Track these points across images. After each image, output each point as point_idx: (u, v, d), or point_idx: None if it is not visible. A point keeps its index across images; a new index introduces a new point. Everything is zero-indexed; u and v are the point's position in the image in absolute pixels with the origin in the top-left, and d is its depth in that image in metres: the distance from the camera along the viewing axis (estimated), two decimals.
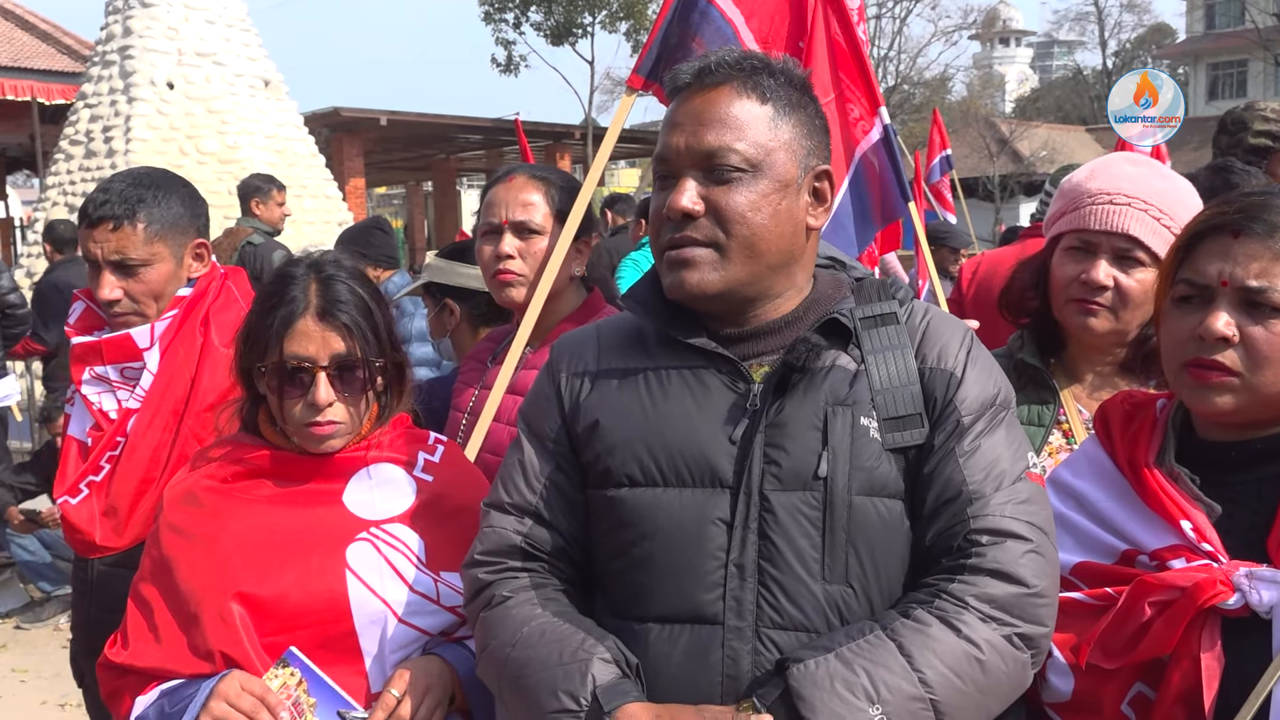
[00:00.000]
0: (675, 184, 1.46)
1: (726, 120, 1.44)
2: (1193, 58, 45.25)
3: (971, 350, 1.50)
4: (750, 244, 1.44)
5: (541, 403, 1.59)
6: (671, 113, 1.51)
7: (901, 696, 1.27)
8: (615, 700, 1.33)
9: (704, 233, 1.44)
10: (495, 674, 1.48)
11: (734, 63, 1.48)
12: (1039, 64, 75.98)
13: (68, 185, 10.96)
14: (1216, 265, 1.46)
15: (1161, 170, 2.07)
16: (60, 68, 15.83)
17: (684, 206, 1.43)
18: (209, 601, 1.71)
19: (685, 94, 1.49)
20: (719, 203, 1.43)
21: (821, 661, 1.30)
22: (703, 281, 1.44)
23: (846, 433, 1.40)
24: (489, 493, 1.61)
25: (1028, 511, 1.40)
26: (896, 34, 44.20)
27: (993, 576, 1.35)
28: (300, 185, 11.57)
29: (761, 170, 1.44)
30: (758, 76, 1.47)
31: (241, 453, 1.86)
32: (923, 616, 1.33)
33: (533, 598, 1.48)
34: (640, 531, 1.44)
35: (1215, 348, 1.45)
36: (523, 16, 30.03)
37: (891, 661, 1.29)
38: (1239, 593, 1.36)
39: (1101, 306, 1.92)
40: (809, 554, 1.38)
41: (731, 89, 1.46)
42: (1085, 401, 2.01)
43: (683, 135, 1.45)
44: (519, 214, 2.29)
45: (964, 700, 1.30)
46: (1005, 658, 1.33)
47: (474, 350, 2.57)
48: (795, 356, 1.42)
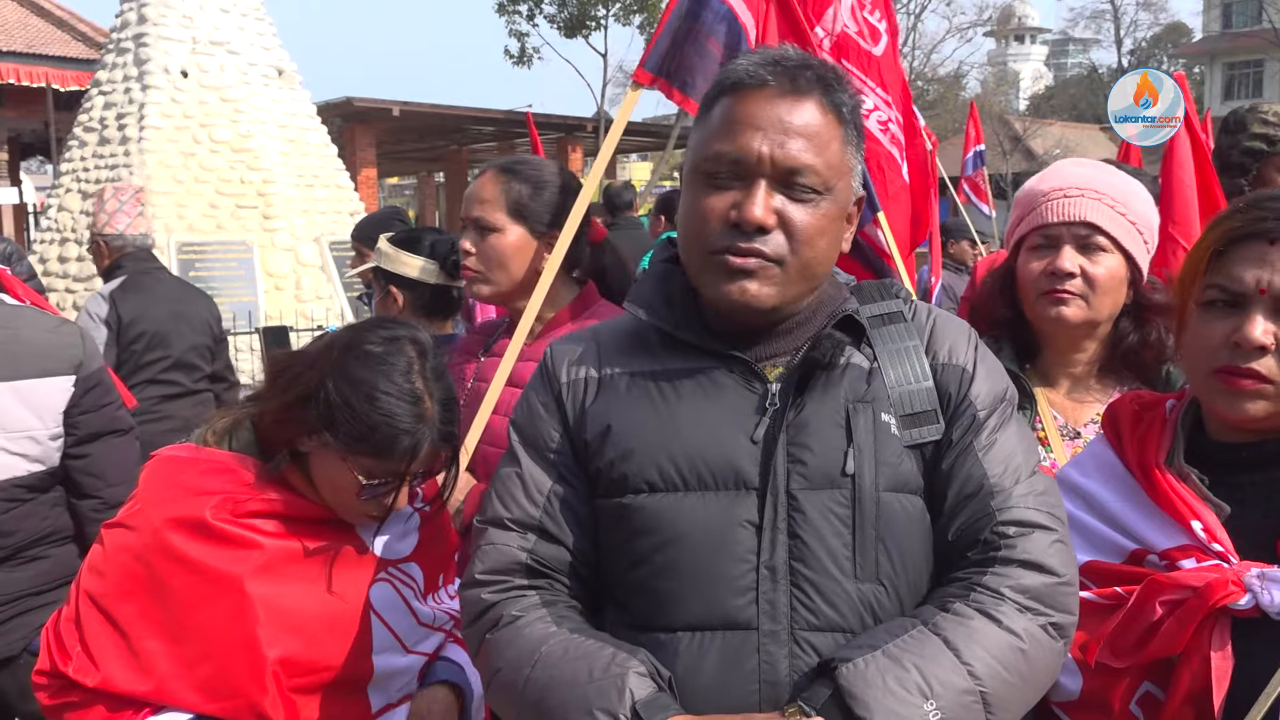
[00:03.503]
0: (742, 187, 1.39)
1: (813, 136, 1.39)
2: (1209, 57, 45.01)
3: (979, 348, 1.50)
4: (809, 265, 1.41)
5: (538, 412, 1.53)
6: (744, 109, 1.40)
7: (953, 690, 1.25)
8: (658, 715, 1.25)
9: (773, 247, 1.38)
10: (511, 698, 1.38)
11: (817, 72, 1.42)
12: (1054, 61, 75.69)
13: (81, 172, 10.99)
14: (1254, 272, 1.44)
15: (1107, 167, 2.14)
16: (75, 54, 15.87)
17: (762, 219, 1.37)
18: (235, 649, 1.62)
19: (766, 94, 1.40)
20: (793, 220, 1.39)
21: (870, 659, 1.26)
22: (761, 294, 1.40)
23: (870, 429, 1.39)
24: (482, 509, 1.52)
25: (1047, 503, 1.40)
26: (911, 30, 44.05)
27: (1024, 567, 1.34)
28: (312, 175, 11.60)
29: (832, 194, 1.41)
30: (836, 94, 1.42)
31: (262, 491, 1.72)
32: (963, 610, 1.32)
33: (545, 615, 1.41)
34: (662, 538, 1.38)
35: (1251, 355, 1.43)
36: (536, 9, 29.98)
37: (940, 656, 1.27)
38: (1250, 593, 1.36)
39: (1072, 294, 1.96)
40: (841, 552, 1.36)
41: (818, 102, 1.40)
42: (1060, 406, 2.03)
43: (766, 141, 1.38)
44: (475, 210, 2.33)
45: (1010, 691, 1.29)
46: (1044, 647, 1.33)
47: (465, 343, 2.58)
48: (821, 353, 1.40)
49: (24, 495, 2.43)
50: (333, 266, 11.04)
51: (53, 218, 10.95)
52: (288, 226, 11.05)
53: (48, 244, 10.80)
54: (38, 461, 2.43)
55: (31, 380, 2.38)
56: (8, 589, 2.44)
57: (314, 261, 11.14)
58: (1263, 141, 3.57)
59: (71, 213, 10.73)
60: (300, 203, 11.29)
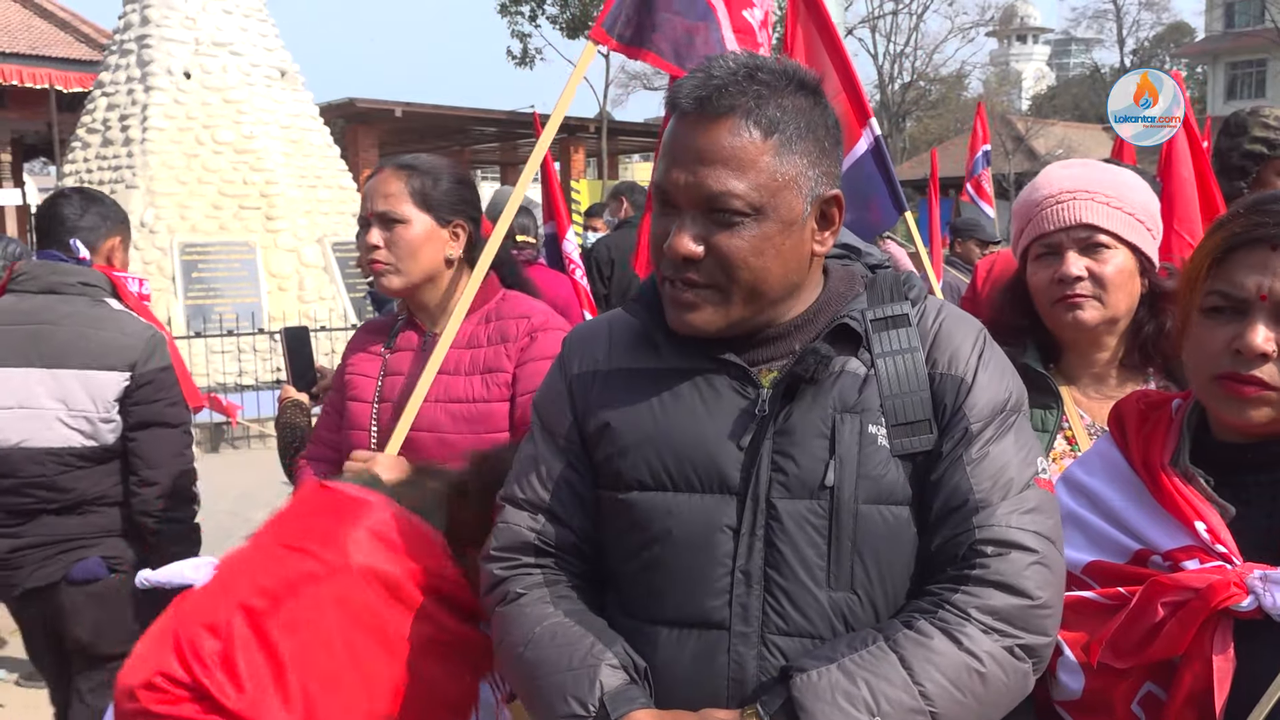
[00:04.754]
0: (673, 215, 1.42)
1: (728, 161, 1.37)
2: (1211, 56, 44.98)
3: (984, 353, 1.48)
4: (752, 286, 1.41)
5: (554, 398, 1.59)
6: (670, 139, 1.43)
7: (901, 709, 1.28)
8: (622, 707, 1.35)
9: (705, 275, 1.40)
10: (510, 670, 1.52)
11: (740, 85, 1.38)
12: (1056, 61, 75.66)
13: (84, 173, 11.01)
14: (1255, 278, 1.43)
15: (1096, 164, 2.14)
16: (78, 56, 15.92)
17: (685, 250, 1.39)
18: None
19: (687, 121, 1.40)
20: (720, 247, 1.39)
21: (824, 673, 1.30)
22: (704, 321, 1.43)
23: (854, 441, 1.40)
24: (504, 486, 1.61)
25: (1034, 521, 1.40)
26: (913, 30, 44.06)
27: (996, 588, 1.35)
28: (315, 176, 11.62)
29: (764, 212, 1.38)
30: (764, 103, 1.38)
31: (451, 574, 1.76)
32: (925, 628, 1.34)
33: (545, 595, 1.50)
34: (651, 535, 1.44)
35: (1253, 363, 1.43)
36: (539, 9, 30.00)
37: (892, 674, 1.30)
38: (1253, 595, 1.36)
39: (1084, 297, 1.97)
40: (814, 562, 1.38)
41: (735, 121, 1.37)
42: (1086, 405, 2.03)
43: (682, 172, 1.39)
44: (380, 205, 2.39)
45: (963, 711, 1.31)
46: (1006, 669, 1.34)
47: (359, 341, 2.63)
48: (804, 368, 1.41)
49: (77, 462, 3.04)
50: (335, 267, 11.06)
51: None
52: (290, 227, 11.07)
53: None
54: (90, 438, 3.04)
55: (94, 371, 3.00)
56: (58, 531, 3.06)
57: (317, 262, 11.16)
58: (1263, 145, 3.57)
59: None
60: (303, 204, 11.32)
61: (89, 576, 3.05)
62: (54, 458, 3.01)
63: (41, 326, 3.02)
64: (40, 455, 3.00)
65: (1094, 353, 2.04)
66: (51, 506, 3.05)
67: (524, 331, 2.35)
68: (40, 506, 3.04)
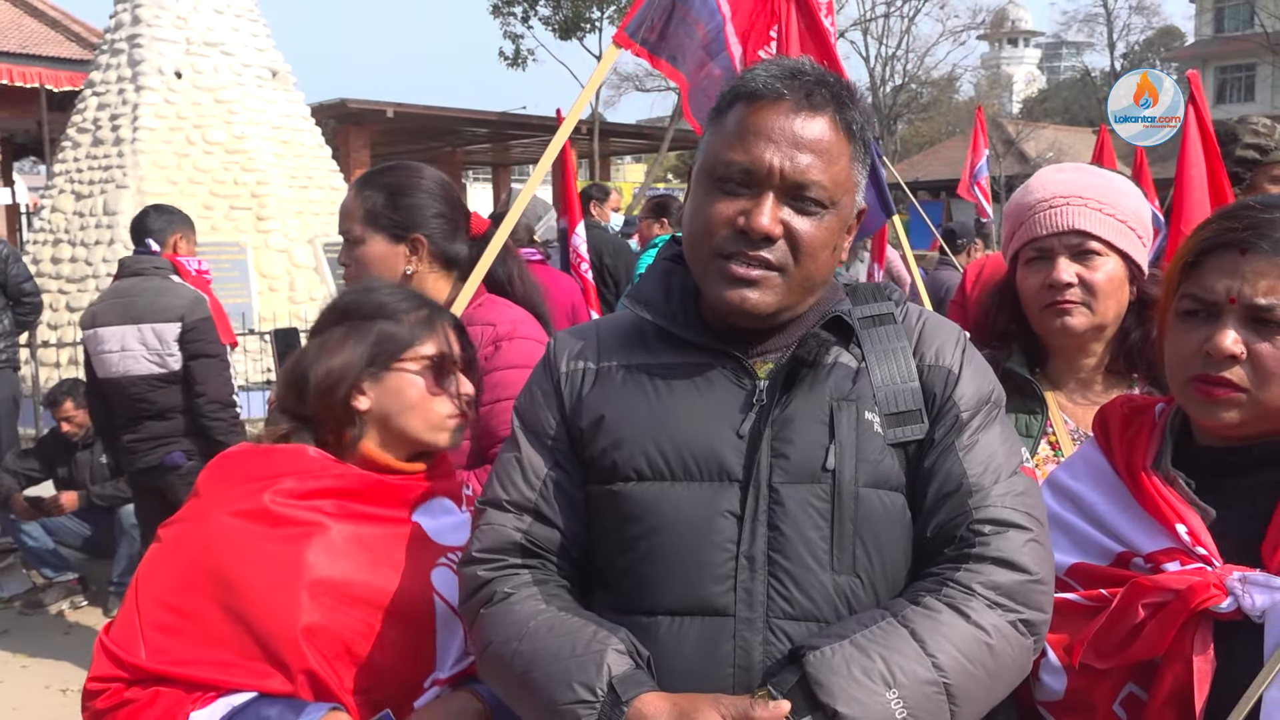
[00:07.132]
0: (751, 196, 1.44)
1: (823, 152, 1.43)
2: (1201, 61, 45.10)
3: (966, 350, 1.54)
4: (809, 276, 1.47)
5: (538, 399, 1.59)
6: (758, 120, 1.44)
7: (916, 680, 1.29)
8: (632, 690, 1.33)
9: (777, 257, 1.44)
10: (500, 670, 1.46)
11: (832, 89, 1.46)
12: (1047, 65, 75.88)
13: (75, 173, 10.96)
14: (1224, 282, 1.46)
15: (1090, 169, 2.14)
16: (68, 55, 15.87)
17: (769, 229, 1.42)
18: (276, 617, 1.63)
19: (780, 109, 1.44)
20: (798, 232, 1.44)
21: (838, 648, 1.31)
22: (762, 302, 1.45)
23: (852, 426, 1.43)
24: (484, 491, 1.60)
25: (1025, 503, 1.44)
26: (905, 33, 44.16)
27: (997, 564, 1.38)
28: (306, 176, 11.58)
29: (836, 208, 1.46)
30: (848, 111, 1.47)
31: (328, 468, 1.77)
32: (932, 604, 1.36)
33: (536, 593, 1.48)
34: (648, 525, 1.45)
35: (1223, 365, 1.45)
36: (531, 11, 29.99)
37: (905, 647, 1.31)
38: (1232, 596, 1.38)
39: (1074, 303, 1.97)
40: (818, 545, 1.40)
41: (831, 119, 1.45)
42: (1070, 410, 2.03)
43: (778, 154, 1.42)
44: (342, 224, 2.43)
45: (974, 684, 1.32)
46: (1011, 643, 1.36)
47: None
48: (806, 351, 1.45)
49: (157, 384, 4.96)
50: (326, 268, 11.03)
51: (46, 219, 10.92)
52: (281, 228, 11.03)
53: (41, 245, 10.77)
54: (162, 366, 4.94)
55: (160, 324, 4.92)
56: (154, 431, 4.99)
57: (308, 263, 11.13)
58: (1255, 151, 3.59)
59: (64, 214, 10.70)
60: (294, 204, 11.28)
61: (174, 464, 4.94)
62: (144, 380, 4.94)
63: (129, 298, 4.95)
64: (136, 380, 4.94)
65: (1080, 359, 2.05)
66: (147, 412, 4.97)
67: (487, 340, 2.27)
68: (140, 413, 4.97)
